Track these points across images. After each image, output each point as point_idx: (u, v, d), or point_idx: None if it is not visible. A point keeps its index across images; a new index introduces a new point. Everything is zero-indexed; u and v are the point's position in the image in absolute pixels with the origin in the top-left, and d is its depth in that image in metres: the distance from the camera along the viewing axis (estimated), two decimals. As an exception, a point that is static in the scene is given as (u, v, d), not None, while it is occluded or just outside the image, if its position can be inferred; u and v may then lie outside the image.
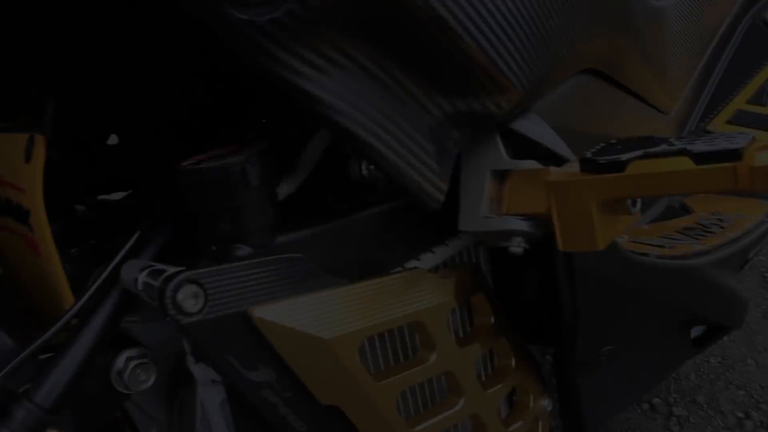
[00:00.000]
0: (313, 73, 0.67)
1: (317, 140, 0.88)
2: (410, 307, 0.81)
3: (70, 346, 0.77)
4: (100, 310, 0.79)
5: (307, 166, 0.86)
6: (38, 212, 0.83)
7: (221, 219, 0.74)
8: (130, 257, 0.93)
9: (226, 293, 0.70)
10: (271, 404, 0.75)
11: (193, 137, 1.13)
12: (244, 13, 0.61)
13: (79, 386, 0.77)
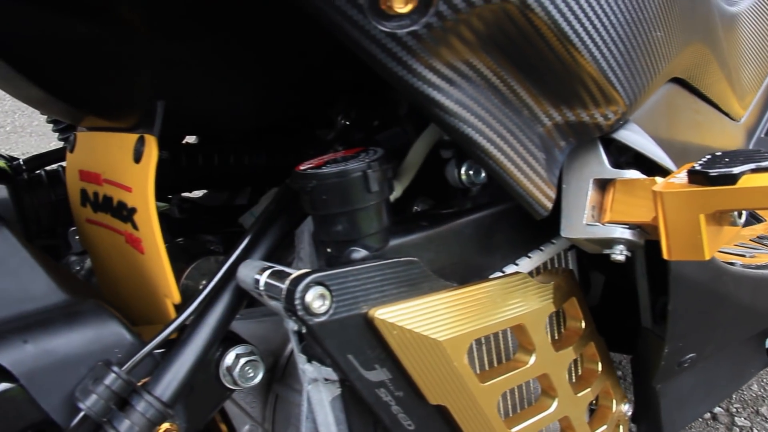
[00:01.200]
0: (443, 84, 0.69)
1: (419, 146, 0.90)
2: (514, 311, 0.83)
3: (187, 342, 0.79)
4: (214, 308, 0.81)
5: (411, 171, 0.89)
6: (148, 211, 0.85)
7: (339, 222, 0.76)
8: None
9: (349, 295, 0.73)
10: (384, 403, 0.77)
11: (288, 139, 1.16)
12: (386, 25, 0.63)
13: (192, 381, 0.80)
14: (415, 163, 0.89)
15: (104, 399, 0.73)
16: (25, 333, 0.75)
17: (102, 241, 1.07)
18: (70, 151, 1.11)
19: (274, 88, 0.95)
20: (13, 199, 1.13)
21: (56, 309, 0.80)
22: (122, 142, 0.93)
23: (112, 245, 1.04)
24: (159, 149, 0.85)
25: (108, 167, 0.99)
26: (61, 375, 0.75)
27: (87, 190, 1.07)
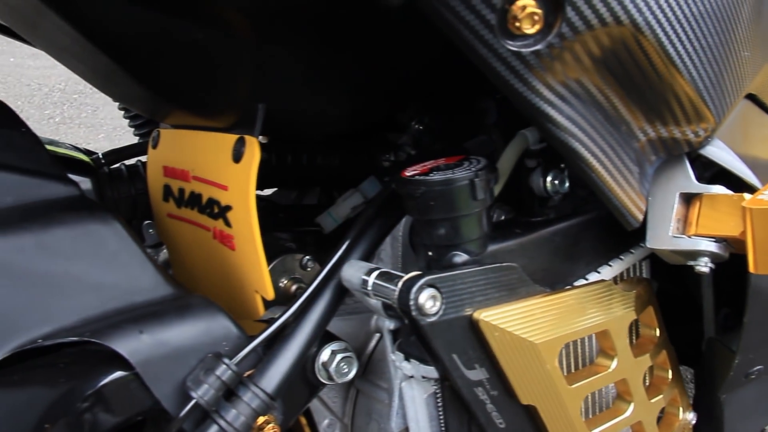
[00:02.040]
0: (556, 100, 0.73)
1: (508, 155, 0.94)
2: (600, 317, 0.86)
3: (290, 337, 0.83)
4: (315, 306, 0.84)
5: (501, 179, 0.92)
6: (248, 210, 0.88)
7: (443, 227, 0.79)
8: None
9: (457, 297, 0.76)
10: (480, 401, 0.80)
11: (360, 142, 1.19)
12: (512, 44, 0.67)
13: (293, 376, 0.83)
14: (504, 171, 0.93)
15: (214, 389, 0.77)
16: (141, 324, 0.78)
17: (183, 236, 1.11)
18: (153, 147, 1.15)
19: (368, 95, 0.98)
20: (96, 192, 1.17)
21: (166, 301, 0.83)
22: (219, 141, 0.96)
23: (194, 240, 1.08)
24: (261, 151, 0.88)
25: (199, 165, 1.02)
26: (173, 365, 0.78)
27: (171, 185, 1.10)
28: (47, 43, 0.99)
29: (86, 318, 0.80)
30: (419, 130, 1.16)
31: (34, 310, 0.78)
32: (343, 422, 1.00)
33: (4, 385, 0.75)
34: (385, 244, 0.97)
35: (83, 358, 0.78)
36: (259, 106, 0.90)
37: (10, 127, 0.89)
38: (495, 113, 1.01)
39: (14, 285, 0.77)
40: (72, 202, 0.85)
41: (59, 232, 0.80)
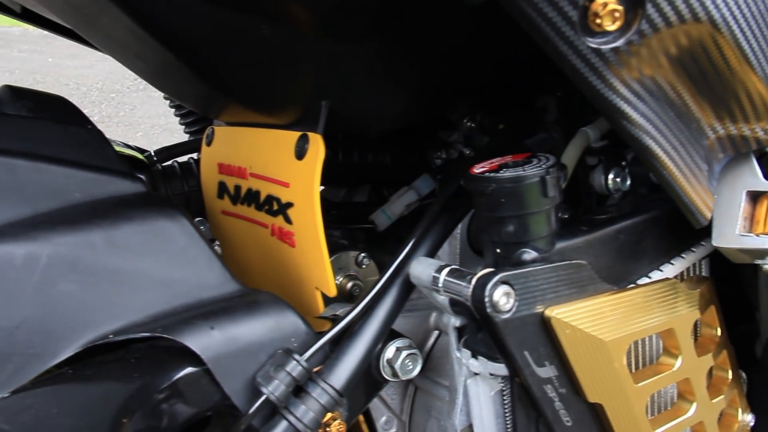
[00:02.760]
0: (632, 97, 0.72)
1: (571, 152, 0.93)
2: (666, 315, 0.86)
3: (358, 334, 0.83)
4: (382, 303, 0.84)
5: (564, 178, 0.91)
6: (312, 207, 0.88)
7: (513, 224, 0.79)
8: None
9: (529, 294, 0.76)
10: (549, 399, 0.80)
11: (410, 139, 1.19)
12: (592, 41, 0.67)
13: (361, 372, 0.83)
14: (568, 170, 0.92)
15: (285, 385, 0.77)
16: (211, 320, 0.78)
17: (238, 233, 1.11)
18: (207, 144, 1.15)
19: (426, 92, 0.98)
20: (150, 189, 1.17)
21: (234, 298, 0.83)
22: (280, 138, 0.96)
23: (250, 237, 1.08)
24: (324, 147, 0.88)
25: (257, 162, 1.03)
26: (243, 361, 0.79)
27: (226, 182, 1.11)
28: (106, 40, 1.00)
29: (155, 314, 0.80)
30: (471, 128, 1.15)
31: (105, 306, 0.79)
32: (400, 419, 1.00)
33: (78, 380, 0.76)
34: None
35: (153, 353, 0.79)
36: (323, 103, 0.90)
37: (77, 124, 0.89)
38: (555, 111, 1.01)
39: (85, 281, 0.78)
40: (139, 198, 0.85)
41: (128, 228, 0.81)
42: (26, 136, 0.84)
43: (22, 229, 0.78)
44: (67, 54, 5.43)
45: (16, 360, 0.75)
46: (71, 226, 0.79)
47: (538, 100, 1.02)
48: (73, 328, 0.78)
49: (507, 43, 0.94)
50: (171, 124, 3.73)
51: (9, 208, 0.80)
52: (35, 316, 0.76)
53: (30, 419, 0.71)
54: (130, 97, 4.85)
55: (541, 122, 1.02)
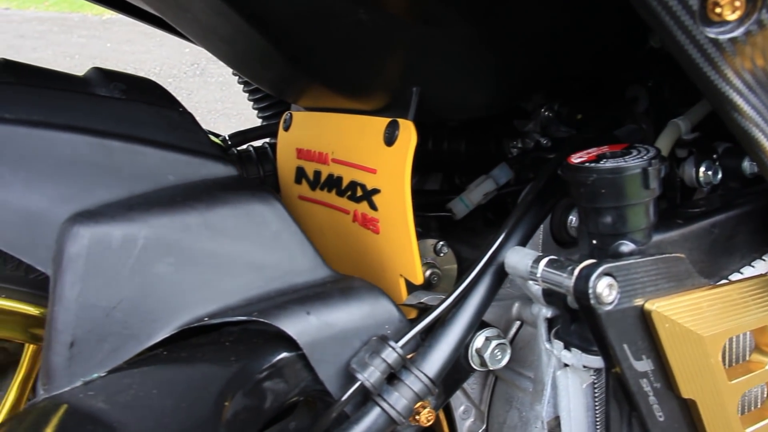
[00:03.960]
0: (744, 89, 0.71)
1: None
2: (761, 312, 0.85)
3: (451, 322, 0.82)
4: (475, 291, 0.84)
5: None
6: (402, 194, 0.87)
7: (611, 215, 0.78)
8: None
9: (630, 287, 0.75)
10: (644, 393, 0.79)
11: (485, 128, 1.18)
12: (710, 31, 0.65)
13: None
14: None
15: (380, 371, 0.77)
16: (307, 305, 0.78)
17: (316, 218, 1.11)
18: (285, 129, 1.15)
19: (512, 80, 0.97)
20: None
21: (327, 283, 0.83)
22: (366, 124, 0.96)
23: (328, 222, 1.08)
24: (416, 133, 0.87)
25: (340, 148, 1.02)
26: (338, 347, 0.79)
27: (305, 168, 1.11)
28: (192, 24, 1.00)
29: (248, 298, 0.81)
30: (548, 118, 1.14)
31: (200, 289, 0.79)
32: (479, 409, 1.00)
33: (174, 362, 0.76)
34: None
35: (247, 337, 0.79)
36: (414, 89, 0.89)
37: (169, 107, 0.89)
38: (646, 101, 0.99)
39: (181, 263, 0.78)
40: (232, 181, 0.85)
41: (223, 211, 0.81)
42: (120, 117, 0.85)
43: (119, 210, 0.78)
44: (125, 39, 5.49)
45: (113, 340, 0.76)
46: (167, 208, 0.79)
47: (626, 90, 1.00)
48: (169, 310, 0.78)
49: (601, 33, 0.93)
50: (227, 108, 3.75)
51: (105, 189, 0.80)
52: (132, 298, 0.76)
53: (130, 399, 0.71)
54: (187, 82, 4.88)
55: (630, 113, 1.00)
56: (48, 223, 0.77)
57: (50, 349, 0.75)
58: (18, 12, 8.18)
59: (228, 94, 3.94)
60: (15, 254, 0.78)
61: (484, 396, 1.00)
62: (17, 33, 7.05)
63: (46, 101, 0.83)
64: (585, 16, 0.86)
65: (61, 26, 7.09)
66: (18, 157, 0.78)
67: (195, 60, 4.79)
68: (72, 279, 0.75)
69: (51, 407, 0.73)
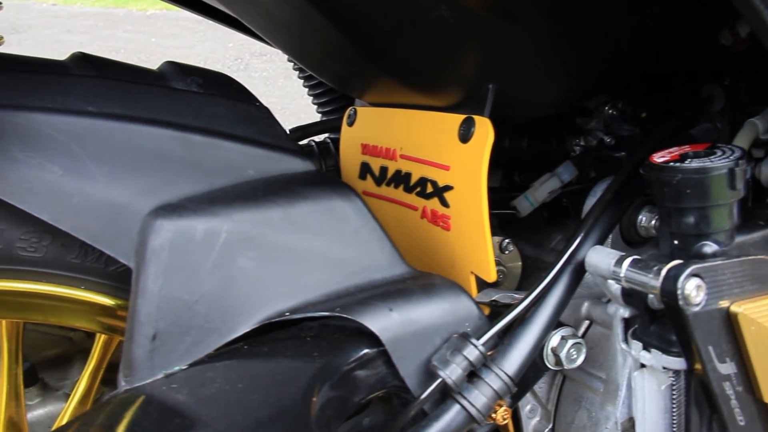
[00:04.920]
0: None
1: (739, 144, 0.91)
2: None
3: (530, 321, 0.82)
4: (554, 290, 0.83)
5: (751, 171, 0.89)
6: (477, 192, 0.87)
7: (694, 216, 0.78)
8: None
9: (717, 288, 0.74)
10: (726, 396, 0.78)
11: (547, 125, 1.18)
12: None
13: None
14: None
15: (461, 369, 0.76)
16: (389, 301, 0.78)
17: (381, 214, 1.10)
18: (349, 124, 1.15)
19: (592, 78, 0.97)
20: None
21: (407, 280, 0.83)
22: (439, 121, 0.95)
23: (394, 218, 1.07)
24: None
25: (409, 144, 1.02)
26: (419, 343, 0.79)
27: (370, 163, 1.10)
28: (262, 18, 1.00)
29: (329, 293, 0.81)
30: (612, 115, 1.13)
31: (281, 284, 0.79)
32: (546, 408, 0.99)
33: (256, 356, 0.76)
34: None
35: (328, 332, 0.79)
36: (490, 86, 0.89)
37: (246, 101, 0.90)
38: (722, 100, 0.98)
39: (263, 258, 0.78)
40: (312, 176, 0.85)
41: (304, 206, 0.81)
42: (200, 111, 0.85)
43: (201, 203, 0.78)
44: (169, 34, 5.54)
45: (195, 333, 0.76)
46: (248, 202, 0.80)
47: (701, 89, 0.99)
48: (250, 304, 0.78)
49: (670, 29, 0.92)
50: (271, 104, 3.75)
51: (187, 183, 0.80)
52: (214, 291, 0.76)
53: (215, 392, 0.72)
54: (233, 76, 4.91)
55: (704, 112, 0.99)
56: (130, 215, 0.78)
57: (132, 341, 0.75)
58: (65, 8, 8.35)
59: (272, 89, 3.96)
60: (98, 246, 0.78)
61: (551, 395, 1.00)
62: (64, 28, 7.18)
63: (127, 95, 0.83)
64: (657, 12, 0.85)
65: (106, 21, 7.21)
66: (102, 150, 0.78)
67: (239, 55, 4.81)
68: (155, 272, 0.75)
69: (133, 399, 0.73)
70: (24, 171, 0.77)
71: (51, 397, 1.18)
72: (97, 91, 0.82)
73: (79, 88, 0.82)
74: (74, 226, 0.78)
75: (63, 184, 0.77)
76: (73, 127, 0.78)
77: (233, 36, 6.18)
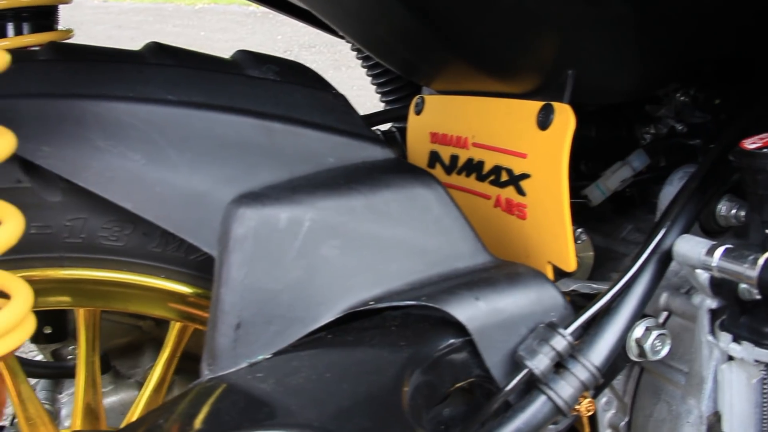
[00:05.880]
0: None
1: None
2: None
3: (616, 311, 0.81)
4: (640, 279, 0.81)
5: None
6: (557, 180, 0.86)
7: (788, 205, 0.76)
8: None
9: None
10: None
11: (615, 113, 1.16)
12: None
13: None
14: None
15: (549, 359, 0.75)
16: (475, 290, 0.77)
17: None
18: (417, 113, 1.14)
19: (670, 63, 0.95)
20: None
21: (490, 269, 0.82)
22: (515, 108, 0.94)
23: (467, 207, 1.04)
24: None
25: (482, 132, 1.01)
26: (505, 333, 0.77)
27: (439, 152, 1.09)
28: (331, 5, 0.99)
29: (412, 282, 0.80)
30: (683, 102, 1.11)
31: (364, 272, 0.78)
32: (622, 401, 0.98)
33: (340, 345, 0.76)
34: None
35: (412, 322, 0.78)
36: (569, 72, 0.87)
37: (323, 89, 0.89)
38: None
39: (346, 246, 0.77)
40: (392, 164, 0.84)
41: (387, 194, 0.80)
42: (278, 99, 0.84)
43: (283, 192, 0.78)
44: (218, 28, 5.58)
45: (278, 323, 0.76)
46: (331, 190, 0.79)
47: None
48: (334, 293, 0.78)
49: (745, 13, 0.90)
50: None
51: (268, 171, 0.80)
52: (298, 280, 0.76)
53: (302, 382, 0.71)
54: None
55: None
56: (212, 204, 0.77)
57: (216, 330, 0.75)
58: (116, 4, 8.51)
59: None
60: (181, 235, 0.78)
61: (628, 387, 0.98)
62: (115, 24, 7.31)
63: (206, 83, 0.83)
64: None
65: (156, 16, 7.32)
66: (183, 138, 0.78)
67: (288, 47, 4.83)
68: (239, 261, 0.75)
69: (218, 387, 0.73)
70: (107, 160, 0.77)
71: (123, 385, 1.19)
72: (176, 80, 0.82)
73: (158, 77, 0.81)
74: (157, 215, 0.78)
75: (145, 172, 0.77)
76: (154, 116, 0.78)
77: (281, 28, 6.19)
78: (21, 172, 0.78)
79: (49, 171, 0.77)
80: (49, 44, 0.86)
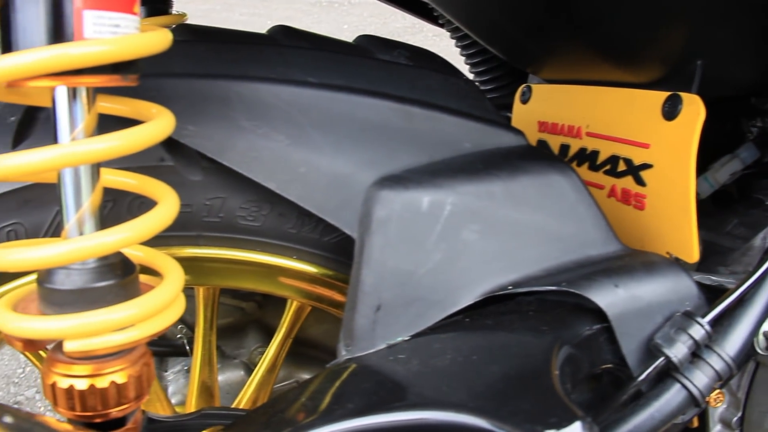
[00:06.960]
0: None
1: None
2: None
3: (752, 302, 0.81)
4: (773, 272, 0.81)
5: None
6: (685, 171, 0.86)
7: None
8: None
9: None
10: None
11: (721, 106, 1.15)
12: None
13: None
14: None
15: (686, 347, 0.76)
16: (614, 277, 0.78)
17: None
18: (523, 102, 1.14)
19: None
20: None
21: (625, 257, 0.82)
22: (637, 98, 0.94)
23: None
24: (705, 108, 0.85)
25: (597, 121, 1.01)
26: (642, 321, 0.78)
27: (549, 141, 1.10)
28: None
29: (548, 268, 0.80)
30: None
31: (502, 257, 0.79)
32: (735, 396, 0.98)
33: (481, 329, 0.77)
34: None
35: (548, 307, 0.79)
36: (699, 62, 0.87)
37: (455, 75, 0.90)
38: None
39: (485, 231, 0.78)
40: (527, 151, 0.85)
41: (525, 180, 0.81)
42: (414, 84, 0.85)
43: (424, 175, 0.79)
44: (284, 17, 5.59)
45: (418, 305, 0.77)
46: (470, 175, 0.79)
47: None
48: (473, 277, 0.78)
49: None
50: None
51: (408, 154, 0.81)
52: (439, 263, 0.77)
53: (448, 363, 0.72)
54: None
55: None
56: (354, 186, 0.78)
57: (355, 311, 0.76)
58: None
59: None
60: (323, 216, 0.79)
61: (741, 382, 0.98)
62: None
63: (343, 66, 0.84)
64: None
65: (223, 5, 7.36)
66: (325, 120, 0.79)
67: (354, 36, 4.84)
68: (381, 243, 0.75)
69: (359, 367, 0.74)
70: (251, 140, 0.78)
71: (229, 365, 1.20)
72: (315, 63, 0.83)
73: (298, 60, 0.82)
74: (300, 196, 0.79)
75: (289, 153, 0.78)
76: (297, 97, 0.79)
77: (347, 18, 6.18)
78: (164, 151, 0.79)
79: (190, 150, 0.78)
80: (182, 26, 0.87)
